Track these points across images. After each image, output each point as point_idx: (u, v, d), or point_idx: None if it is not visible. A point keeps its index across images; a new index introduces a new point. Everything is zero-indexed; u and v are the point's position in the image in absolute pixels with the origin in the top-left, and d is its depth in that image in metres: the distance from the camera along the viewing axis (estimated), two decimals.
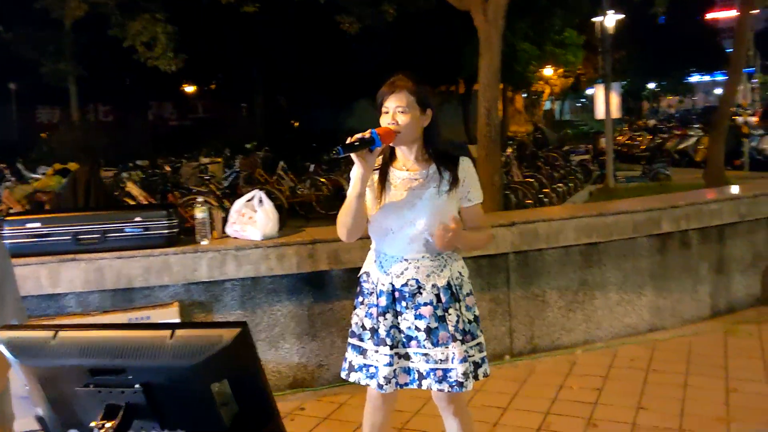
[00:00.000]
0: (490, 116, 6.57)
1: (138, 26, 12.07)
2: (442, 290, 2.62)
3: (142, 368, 1.53)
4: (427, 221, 2.58)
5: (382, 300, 2.63)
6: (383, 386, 2.61)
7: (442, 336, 2.60)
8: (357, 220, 2.58)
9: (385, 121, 2.56)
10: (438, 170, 2.63)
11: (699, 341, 5.04)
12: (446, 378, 2.60)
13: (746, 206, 5.57)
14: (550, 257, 4.91)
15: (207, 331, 1.51)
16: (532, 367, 4.69)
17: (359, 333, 2.71)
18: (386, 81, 2.63)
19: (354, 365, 2.71)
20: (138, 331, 1.54)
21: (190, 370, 1.50)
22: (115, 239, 4.00)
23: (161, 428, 1.61)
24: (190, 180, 12.25)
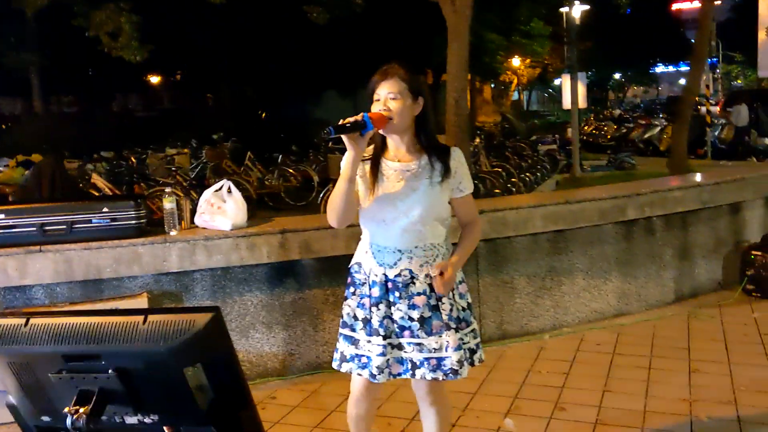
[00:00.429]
0: (458, 106, 6.61)
1: (102, 16, 11.88)
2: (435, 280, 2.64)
3: (116, 353, 1.55)
4: (421, 212, 2.59)
5: (375, 290, 2.63)
6: (376, 376, 2.62)
7: (435, 325, 2.62)
8: (348, 205, 2.55)
9: (377, 108, 2.56)
10: (430, 161, 2.63)
11: (663, 325, 5.16)
12: (440, 366, 2.62)
13: (708, 193, 5.69)
14: (518, 245, 4.98)
15: (180, 316, 1.53)
16: (502, 353, 4.76)
17: (351, 323, 2.71)
18: (379, 69, 2.63)
19: (346, 355, 2.71)
20: (111, 317, 1.55)
21: (163, 354, 1.52)
22: (82, 230, 3.97)
23: (135, 413, 1.63)
24: (157, 171, 12.13)
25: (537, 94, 53.59)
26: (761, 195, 6.18)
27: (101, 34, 11.98)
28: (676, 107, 12.74)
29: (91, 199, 4.86)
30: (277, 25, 19.04)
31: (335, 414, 3.90)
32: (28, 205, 4.02)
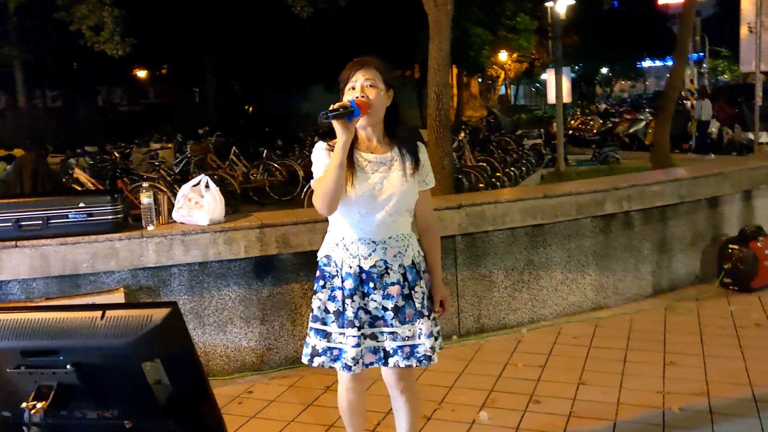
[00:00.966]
0: (440, 100, 6.62)
1: (84, 9, 11.80)
2: (407, 269, 2.70)
3: (74, 349, 1.55)
4: (396, 203, 2.64)
5: (349, 282, 2.65)
6: (351, 367, 2.65)
7: (408, 314, 2.68)
8: (338, 189, 2.54)
9: (351, 95, 2.57)
10: (401, 153, 2.69)
11: (640, 318, 5.20)
12: (414, 353, 2.69)
13: (687, 188, 5.74)
14: (496, 239, 5.01)
15: (137, 311, 1.53)
16: (479, 346, 4.79)
17: (322, 317, 2.72)
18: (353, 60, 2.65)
19: (318, 349, 2.73)
20: (69, 313, 1.55)
21: (121, 349, 1.53)
22: (58, 225, 3.96)
23: (95, 408, 1.64)
24: (141, 166, 12.08)
25: (524, 88, 53.65)
26: (739, 189, 6.23)
27: (83, 27, 11.90)
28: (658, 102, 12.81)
29: (68, 194, 4.84)
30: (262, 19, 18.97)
31: (312, 408, 3.92)
32: (3, 200, 4.00)
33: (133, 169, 11.52)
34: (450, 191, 6.70)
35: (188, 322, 4.30)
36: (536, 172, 14.97)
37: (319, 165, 2.63)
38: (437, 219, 4.63)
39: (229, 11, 18.73)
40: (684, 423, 3.57)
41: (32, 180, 8.52)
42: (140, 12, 15.38)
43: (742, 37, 10.65)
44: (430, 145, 6.72)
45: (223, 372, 4.39)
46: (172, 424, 1.64)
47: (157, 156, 12.29)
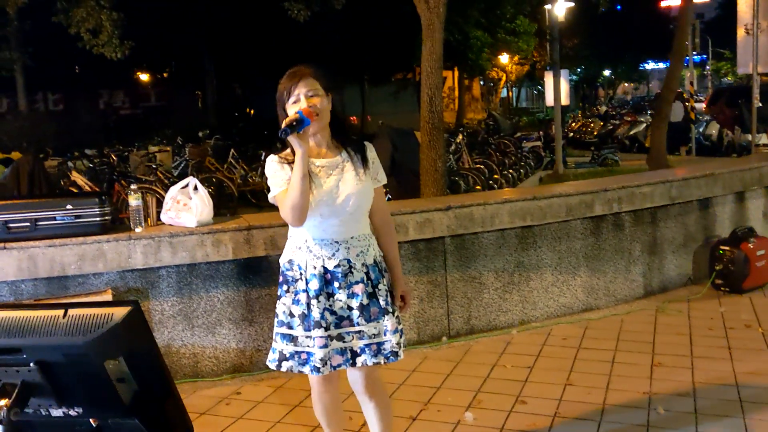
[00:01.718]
0: (432, 103, 6.63)
1: (82, 13, 11.84)
2: (370, 268, 2.74)
3: (37, 347, 1.57)
4: (355, 203, 2.68)
5: (314, 284, 2.68)
6: (320, 369, 2.67)
7: (373, 311, 2.72)
8: (306, 200, 2.60)
9: (294, 110, 2.60)
10: (349, 154, 2.75)
11: (630, 319, 5.21)
12: (381, 351, 2.72)
13: (677, 189, 5.74)
14: (486, 240, 5.02)
15: (98, 310, 1.55)
16: (468, 348, 4.80)
17: (288, 321, 2.74)
18: (286, 74, 2.69)
19: (285, 354, 2.74)
20: (32, 311, 1.57)
21: (83, 347, 1.55)
22: (46, 227, 3.98)
23: (60, 405, 1.65)
24: (138, 169, 12.12)
25: (526, 91, 53.70)
26: (731, 191, 6.24)
27: (82, 31, 11.94)
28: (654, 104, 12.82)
29: (56, 196, 4.86)
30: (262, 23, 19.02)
31: (298, 409, 3.94)
32: None
33: (130, 172, 11.55)
34: (442, 193, 6.71)
35: (177, 324, 4.32)
36: (535, 175, 14.98)
37: (276, 179, 2.67)
38: (426, 220, 4.67)
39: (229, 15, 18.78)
40: (668, 423, 3.57)
41: (29, 183, 8.56)
42: (139, 15, 15.43)
43: (738, 39, 10.66)
44: (423, 148, 6.75)
45: (212, 374, 4.41)
46: (137, 422, 1.66)
47: (155, 159, 12.32)
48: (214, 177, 11.96)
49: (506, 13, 22.27)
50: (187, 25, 19.41)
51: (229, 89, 29.39)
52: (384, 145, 9.53)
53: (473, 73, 28.39)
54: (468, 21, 20.33)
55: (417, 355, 4.68)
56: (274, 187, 2.68)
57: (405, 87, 28.25)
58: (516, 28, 23.16)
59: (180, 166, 13.04)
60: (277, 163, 2.69)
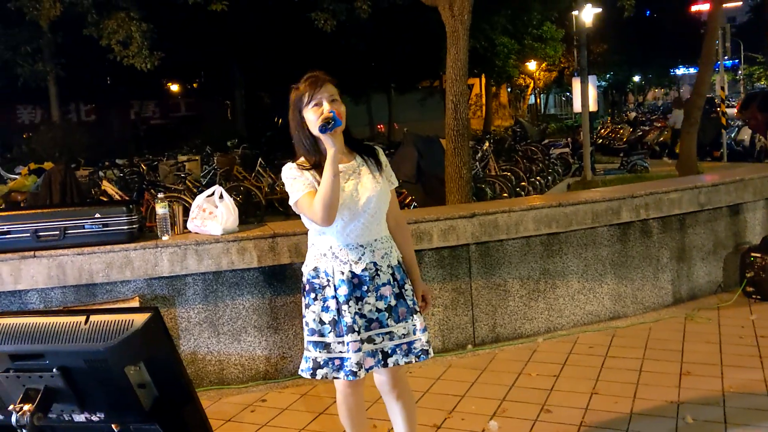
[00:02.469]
0: (457, 110, 6.62)
1: (113, 25, 12.05)
2: (395, 269, 2.79)
3: (59, 352, 1.60)
4: (375, 205, 2.73)
5: (343, 289, 2.70)
6: (356, 373, 2.68)
7: (401, 312, 2.76)
8: (337, 198, 2.62)
9: (319, 113, 2.63)
10: (363, 158, 2.80)
11: (658, 328, 5.14)
12: (411, 350, 2.76)
13: (705, 195, 5.67)
14: (511, 247, 4.99)
15: (119, 316, 1.57)
16: (494, 356, 4.77)
17: (319, 329, 2.76)
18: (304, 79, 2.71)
19: (319, 361, 2.75)
20: (55, 317, 1.60)
21: (104, 353, 1.57)
22: (74, 236, 4.05)
23: (82, 411, 1.68)
24: (168, 178, 12.27)
25: (554, 97, 53.37)
26: (762, 196, 6.13)
27: (113, 42, 12.15)
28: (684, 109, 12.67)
29: (84, 205, 4.95)
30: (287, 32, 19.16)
31: (323, 416, 3.95)
32: (22, 212, 4.11)
33: (160, 182, 11.70)
34: (468, 201, 6.69)
35: (203, 331, 4.37)
36: (563, 181, 14.87)
37: (297, 184, 2.69)
38: (450, 228, 4.67)
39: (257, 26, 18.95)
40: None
41: (60, 192, 8.70)
42: (169, 26, 15.64)
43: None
44: (447, 155, 6.74)
45: (237, 381, 4.44)
46: (157, 428, 1.68)
47: (184, 168, 12.46)
48: (241, 185, 12.05)
49: (533, 19, 22.20)
50: (215, 36, 19.63)
51: (258, 99, 29.62)
52: (409, 152, 9.55)
53: (500, 80, 28.31)
54: (494, 28, 20.30)
55: (442, 363, 4.66)
56: (296, 192, 2.69)
57: (431, 94, 28.23)
58: (543, 34, 23.07)
59: (208, 174, 13.17)
60: (296, 169, 2.72)
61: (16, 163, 14.99)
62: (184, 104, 31.40)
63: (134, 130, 28.26)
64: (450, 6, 6.69)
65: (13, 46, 16.82)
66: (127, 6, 12.43)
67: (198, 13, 10.72)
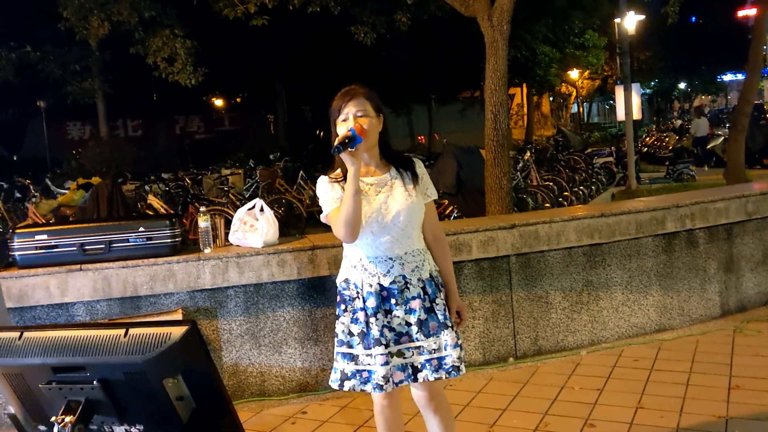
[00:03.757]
0: (497, 120, 6.59)
1: (159, 42, 12.32)
2: (426, 282, 2.75)
3: (99, 365, 1.63)
4: (405, 219, 2.72)
5: (371, 301, 2.71)
6: (382, 386, 2.67)
7: (432, 326, 2.72)
8: (358, 216, 2.65)
9: (345, 128, 2.66)
10: (398, 171, 2.79)
11: (706, 340, 5.02)
12: (442, 366, 2.71)
13: (753, 204, 5.53)
14: (552, 259, 4.93)
15: (157, 329, 1.60)
16: (536, 369, 4.71)
17: (347, 340, 2.76)
18: (340, 92, 2.74)
19: (347, 373, 2.76)
20: (95, 330, 1.63)
21: (142, 366, 1.59)
22: (120, 249, 4.13)
23: (121, 423, 1.70)
24: (211, 191, 12.46)
25: (598, 106, 52.72)
26: None
27: (158, 59, 12.42)
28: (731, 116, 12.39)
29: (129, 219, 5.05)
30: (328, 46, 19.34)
31: (363, 429, 3.94)
32: (68, 226, 4.20)
33: (203, 195, 11.88)
34: (509, 212, 6.64)
35: (244, 343, 4.40)
36: (607, 191, 14.66)
37: (327, 198, 2.73)
38: (490, 239, 4.63)
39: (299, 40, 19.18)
40: None
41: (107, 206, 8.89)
42: (212, 42, 15.92)
43: None
44: (487, 166, 6.70)
45: (278, 392, 4.46)
46: None
47: (227, 182, 12.64)
48: (283, 198, 12.17)
49: (574, 27, 22.00)
50: (258, 51, 19.93)
51: (300, 112, 29.96)
52: (449, 163, 9.52)
53: (542, 90, 28.10)
54: (535, 37, 20.18)
55: (483, 376, 4.62)
56: (326, 207, 2.73)
57: (472, 105, 28.17)
58: (585, 42, 22.84)
59: (251, 188, 13.33)
60: (328, 183, 2.75)
61: (66, 178, 15.40)
62: (227, 119, 31.93)
63: (179, 144, 28.81)
64: (489, 16, 6.67)
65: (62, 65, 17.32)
66: (172, 23, 12.69)
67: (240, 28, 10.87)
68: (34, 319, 4.17)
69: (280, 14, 10.67)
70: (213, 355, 4.35)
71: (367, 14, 11.58)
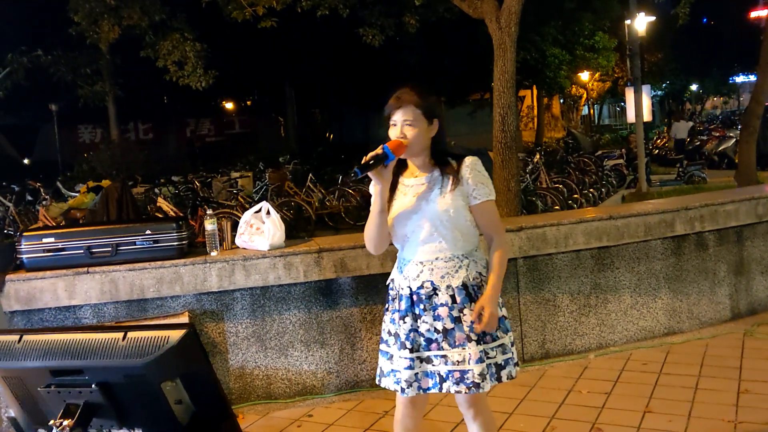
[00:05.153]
0: (504, 122, 6.57)
1: (168, 46, 12.37)
2: (456, 291, 2.66)
3: (98, 368, 1.62)
4: (435, 223, 2.66)
5: (402, 304, 2.71)
6: (405, 390, 2.67)
7: (458, 337, 2.64)
8: (381, 233, 2.68)
9: (394, 134, 2.65)
10: (441, 173, 2.72)
11: (716, 344, 4.98)
12: (463, 379, 2.63)
13: (764, 207, 5.48)
14: (560, 261, 4.91)
15: (155, 332, 1.59)
16: (543, 372, 4.68)
17: (386, 339, 2.79)
18: (393, 94, 2.70)
19: (384, 371, 2.78)
20: (94, 334, 1.63)
21: (141, 368, 1.59)
22: (126, 252, 4.14)
23: (120, 426, 1.70)
24: (221, 194, 12.49)
25: (608, 107, 52.50)
26: None
27: (168, 63, 12.46)
28: (742, 118, 12.30)
29: (135, 222, 5.06)
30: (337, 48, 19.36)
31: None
32: (76, 229, 4.22)
33: (213, 198, 11.91)
34: (517, 214, 6.62)
35: (251, 346, 4.40)
36: (617, 193, 14.60)
37: (372, 203, 2.73)
38: None
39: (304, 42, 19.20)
40: None
41: (117, 209, 8.92)
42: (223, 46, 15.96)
43: None
44: (495, 168, 6.68)
45: (284, 395, 4.46)
46: None
47: (237, 184, 12.66)
48: (292, 201, 12.19)
49: (584, 29, 21.91)
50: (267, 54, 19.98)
51: (310, 115, 30.01)
52: None
53: (552, 91, 28.01)
54: (545, 39, 20.13)
55: None
56: None
57: (482, 107, 28.08)
58: (595, 44, 22.72)
59: (261, 190, 13.35)
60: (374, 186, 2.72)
61: (77, 181, 15.46)
62: (238, 122, 32.04)
63: (190, 147, 28.91)
64: (497, 18, 6.66)
65: (73, 69, 17.41)
66: (182, 27, 12.73)
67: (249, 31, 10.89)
68: (41, 322, 4.19)
69: (289, 17, 10.69)
70: (219, 358, 4.36)
71: (376, 16, 11.58)
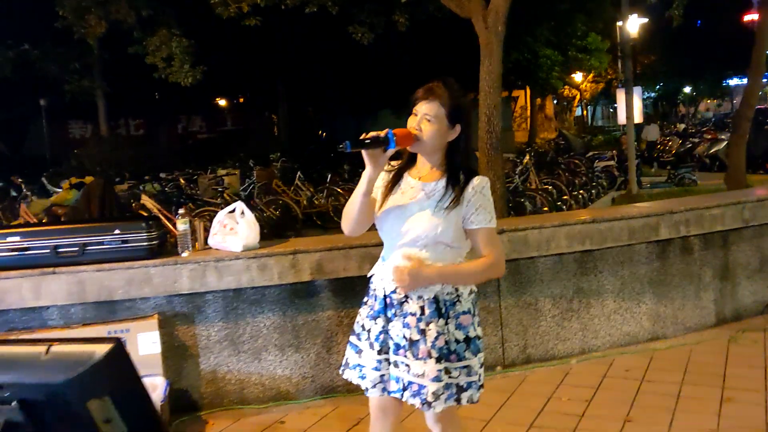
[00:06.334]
0: (490, 123, 6.47)
1: (156, 42, 12.23)
2: (427, 303, 2.53)
3: (19, 385, 1.50)
4: (419, 234, 2.51)
5: (377, 304, 2.63)
6: (369, 389, 2.62)
7: (422, 350, 2.51)
8: (360, 216, 2.54)
9: (411, 124, 2.52)
10: (447, 185, 2.55)
11: (700, 350, 4.89)
12: (420, 393, 2.51)
13: (750, 211, 5.39)
14: (542, 265, 4.81)
15: (80, 347, 1.48)
16: (524, 378, 4.59)
17: (358, 332, 2.70)
18: (425, 84, 2.56)
19: (350, 363, 2.70)
20: (14, 347, 1.51)
21: (64, 385, 1.47)
22: (94, 252, 4.01)
23: None
24: (207, 192, 12.35)
25: (602, 109, 52.56)
26: None
27: (157, 59, 12.31)
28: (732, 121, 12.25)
29: (104, 221, 4.93)
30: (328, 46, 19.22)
31: None
32: (41, 228, 4.09)
33: (198, 195, 11.77)
34: (503, 216, 6.51)
35: (223, 349, 4.29)
36: (607, 195, 14.51)
37: None
38: None
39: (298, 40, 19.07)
40: None
41: (99, 206, 8.78)
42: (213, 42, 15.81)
43: None
44: (480, 169, 6.57)
45: (258, 401, 4.34)
46: None
47: (223, 182, 12.52)
48: (280, 199, 12.06)
49: (577, 30, 21.84)
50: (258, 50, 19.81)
51: (302, 112, 29.84)
52: None
53: (545, 92, 27.97)
54: (537, 40, 20.04)
55: None
56: None
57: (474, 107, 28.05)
58: (587, 45, 22.67)
59: (248, 188, 13.22)
60: (385, 171, 2.63)
61: (63, 177, 15.29)
62: (230, 119, 31.88)
63: (181, 144, 28.73)
64: (484, 18, 6.56)
65: (61, 64, 17.24)
66: (169, 22, 12.59)
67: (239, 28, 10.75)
68: (6, 324, 4.07)
69: (277, 14, 10.57)
70: (191, 362, 4.25)
71: (365, 14, 11.47)
